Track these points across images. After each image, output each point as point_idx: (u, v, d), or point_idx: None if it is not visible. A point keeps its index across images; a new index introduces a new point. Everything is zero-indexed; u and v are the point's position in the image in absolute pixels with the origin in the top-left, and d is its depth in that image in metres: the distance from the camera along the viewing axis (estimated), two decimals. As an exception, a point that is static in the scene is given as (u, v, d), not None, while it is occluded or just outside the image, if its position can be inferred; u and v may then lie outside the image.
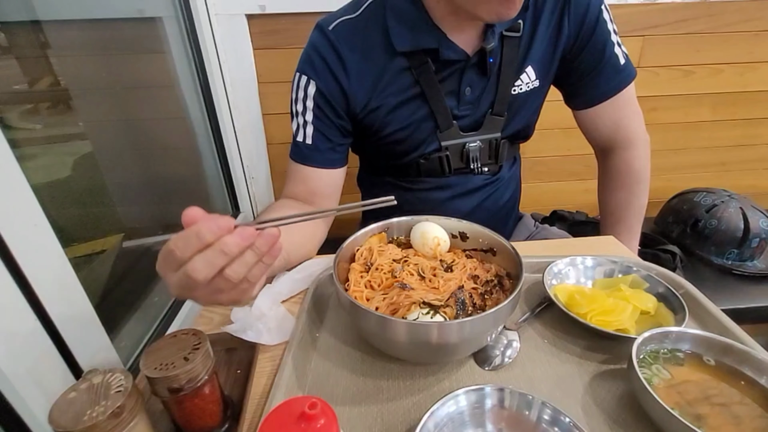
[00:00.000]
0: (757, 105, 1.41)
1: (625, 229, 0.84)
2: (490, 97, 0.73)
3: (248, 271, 0.37)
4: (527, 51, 0.71)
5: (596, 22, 0.70)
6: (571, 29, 0.71)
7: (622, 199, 0.85)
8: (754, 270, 1.13)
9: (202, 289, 0.36)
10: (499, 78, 0.71)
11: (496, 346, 0.51)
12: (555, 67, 0.75)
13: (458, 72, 0.70)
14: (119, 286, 0.76)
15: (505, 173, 0.84)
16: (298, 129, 0.74)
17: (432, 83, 0.69)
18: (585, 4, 0.69)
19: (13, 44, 0.66)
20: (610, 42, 0.72)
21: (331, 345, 0.53)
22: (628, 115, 0.80)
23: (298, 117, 0.73)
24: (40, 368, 0.42)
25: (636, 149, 0.82)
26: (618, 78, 0.75)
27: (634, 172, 0.83)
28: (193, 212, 0.35)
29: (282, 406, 0.32)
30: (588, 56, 0.73)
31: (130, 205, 0.88)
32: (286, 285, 0.61)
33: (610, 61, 0.73)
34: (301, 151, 0.74)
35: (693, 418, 0.39)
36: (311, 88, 0.71)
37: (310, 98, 0.71)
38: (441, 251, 0.56)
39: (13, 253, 0.39)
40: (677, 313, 0.51)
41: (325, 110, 0.71)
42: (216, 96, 1.13)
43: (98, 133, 0.81)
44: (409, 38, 0.66)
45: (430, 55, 0.67)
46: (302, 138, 0.73)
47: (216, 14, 1.10)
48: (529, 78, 0.73)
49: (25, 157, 0.47)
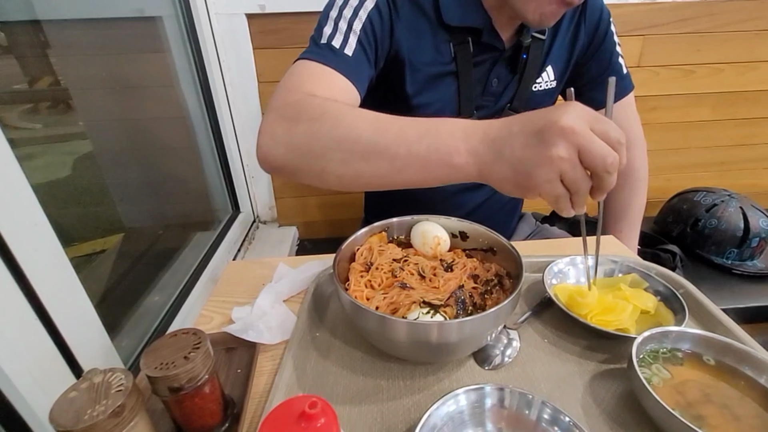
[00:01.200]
0: (757, 104, 1.41)
1: (626, 227, 0.88)
2: (512, 91, 0.75)
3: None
4: (548, 51, 0.75)
5: (606, 32, 0.76)
6: (586, 37, 0.76)
7: (623, 198, 0.88)
8: (754, 269, 1.13)
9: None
10: (523, 75, 0.74)
11: (496, 346, 0.51)
12: (569, 70, 0.79)
13: (490, 62, 0.71)
14: (120, 286, 0.76)
15: None
16: (337, 33, 0.59)
17: (467, 64, 0.69)
18: (598, 16, 0.75)
19: (13, 44, 0.66)
20: (616, 52, 0.78)
21: (331, 344, 0.53)
22: (629, 118, 0.84)
23: (340, 21, 0.60)
24: (41, 367, 0.42)
25: (636, 149, 0.86)
26: (621, 84, 0.80)
27: (634, 171, 0.86)
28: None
29: (282, 405, 0.32)
30: (597, 63, 0.78)
31: (130, 205, 0.88)
32: (287, 285, 0.61)
33: (614, 69, 0.78)
34: (338, 57, 0.58)
35: (693, 418, 0.39)
36: (370, 1, 0.62)
37: (366, 10, 0.61)
38: (441, 251, 0.56)
39: (13, 253, 0.40)
40: (677, 312, 0.52)
41: (377, 29, 0.62)
42: (216, 95, 1.13)
43: (98, 132, 0.81)
44: (459, 13, 0.65)
45: (472, 36, 0.67)
46: (340, 45, 0.59)
47: (216, 13, 1.10)
48: (548, 77, 0.77)
49: (26, 157, 0.47)
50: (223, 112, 1.16)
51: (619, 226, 0.88)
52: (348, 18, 0.60)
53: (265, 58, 1.20)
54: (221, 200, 1.27)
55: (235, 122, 1.22)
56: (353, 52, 0.59)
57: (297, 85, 0.55)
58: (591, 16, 0.74)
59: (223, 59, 1.14)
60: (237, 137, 1.24)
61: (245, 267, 0.71)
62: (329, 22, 0.61)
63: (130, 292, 0.76)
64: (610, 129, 0.38)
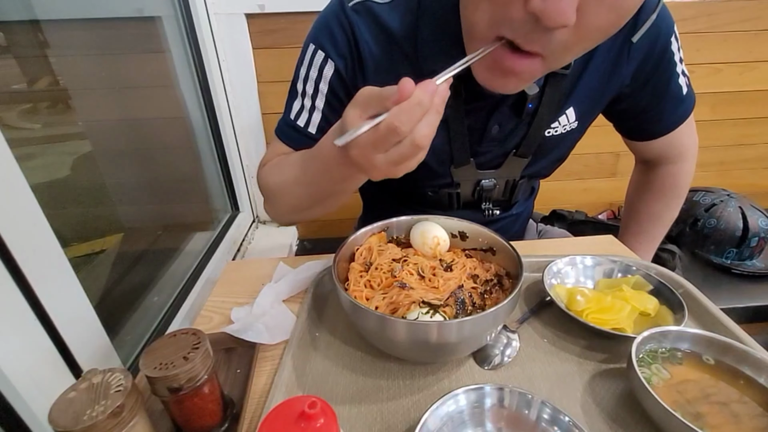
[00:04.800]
0: (756, 104, 1.42)
1: (646, 240, 0.80)
2: (518, 137, 0.64)
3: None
4: (572, 89, 0.61)
5: (664, 53, 0.61)
6: (631, 68, 0.60)
7: (656, 211, 0.79)
8: (753, 269, 1.14)
9: (414, 159, 0.39)
10: (533, 119, 0.61)
11: (495, 346, 0.51)
12: (603, 105, 0.66)
13: (488, 108, 0.60)
14: (119, 286, 0.76)
15: (518, 208, 0.78)
16: (301, 111, 0.63)
17: (458, 111, 0.59)
18: (653, 39, 0.59)
19: (12, 44, 0.66)
20: (675, 73, 0.63)
21: (331, 344, 0.53)
22: (689, 136, 0.74)
23: (305, 98, 0.62)
24: (40, 368, 0.42)
25: (685, 162, 0.76)
26: (680, 110, 0.67)
27: (677, 187, 0.77)
28: (410, 84, 0.35)
29: (282, 405, 0.32)
30: (649, 91, 0.64)
31: (129, 205, 0.88)
32: (287, 285, 0.61)
33: (672, 94, 0.65)
34: (299, 136, 0.63)
35: (692, 417, 0.39)
36: (329, 68, 0.59)
37: (326, 81, 0.60)
38: (441, 251, 0.56)
39: (12, 253, 0.39)
40: (676, 312, 0.52)
41: (342, 97, 0.61)
42: (215, 95, 1.13)
43: (97, 132, 0.81)
44: (440, 60, 0.48)
45: (462, 81, 0.55)
46: (304, 123, 0.62)
47: (215, 13, 1.10)
48: (567, 120, 0.63)
49: (25, 157, 0.47)
50: (222, 112, 1.16)
51: (642, 238, 0.79)
52: (310, 94, 0.62)
53: (264, 57, 1.20)
54: (220, 200, 1.27)
55: (234, 122, 1.22)
56: (316, 130, 0.63)
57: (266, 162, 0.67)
58: (642, 44, 0.58)
59: (222, 59, 1.14)
60: (236, 137, 1.24)
61: (245, 267, 0.71)
62: (296, 96, 0.64)
63: (129, 292, 0.76)
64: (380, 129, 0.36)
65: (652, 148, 0.73)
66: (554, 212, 1.22)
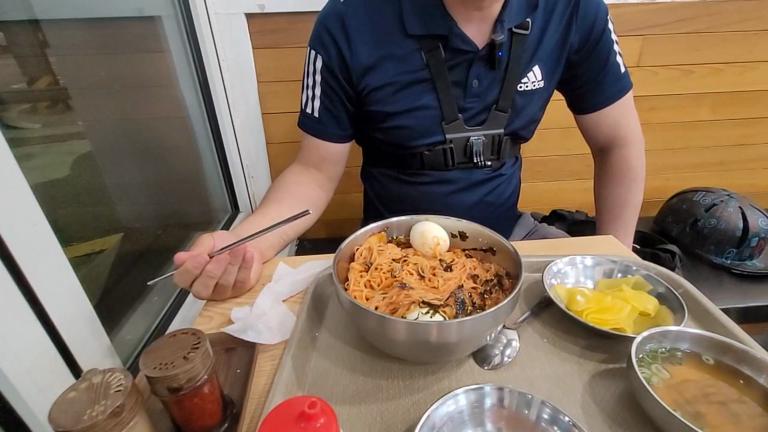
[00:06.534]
0: (756, 104, 1.42)
1: (621, 227, 0.86)
2: (496, 91, 0.74)
3: (234, 277, 0.57)
4: (535, 50, 0.74)
5: (602, 31, 0.74)
6: (578, 37, 0.74)
7: (620, 196, 0.87)
8: (753, 269, 1.14)
9: (210, 296, 0.57)
10: (506, 73, 0.73)
11: (495, 346, 0.51)
12: (560, 70, 0.78)
13: (467, 63, 0.71)
14: (119, 286, 0.76)
15: (507, 169, 0.86)
16: (308, 101, 0.78)
17: (441, 69, 0.71)
18: (593, 13, 0.73)
19: (12, 43, 0.66)
20: (613, 51, 0.77)
21: (331, 344, 0.53)
22: (627, 117, 0.84)
23: (308, 90, 0.77)
24: (40, 368, 0.42)
25: (633, 147, 0.85)
26: (619, 85, 0.79)
27: (631, 169, 0.86)
28: (181, 256, 0.52)
29: (281, 405, 0.32)
30: (593, 63, 0.77)
31: (129, 205, 0.88)
32: (287, 285, 0.61)
33: (612, 69, 0.77)
34: (309, 122, 0.79)
35: (692, 417, 0.39)
36: (319, 62, 0.74)
37: (318, 72, 0.75)
38: (440, 251, 0.56)
39: (12, 253, 0.39)
40: (676, 312, 0.52)
41: (331, 83, 0.74)
42: (215, 95, 1.13)
43: (97, 132, 0.81)
44: (421, 23, 0.68)
45: (441, 41, 0.69)
46: (310, 110, 0.78)
47: (215, 13, 1.09)
48: (535, 77, 0.76)
49: (24, 157, 0.47)
50: (222, 111, 1.16)
51: (615, 225, 0.86)
52: (311, 86, 0.77)
53: (264, 57, 1.20)
54: (220, 200, 1.27)
55: (234, 122, 1.21)
56: (319, 114, 0.77)
57: (299, 151, 0.84)
58: (584, 16, 0.72)
59: (222, 59, 1.14)
60: (236, 137, 1.24)
61: (245, 267, 0.71)
62: (304, 90, 0.79)
63: (129, 292, 0.76)
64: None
65: (601, 129, 0.85)
66: (554, 212, 1.22)
